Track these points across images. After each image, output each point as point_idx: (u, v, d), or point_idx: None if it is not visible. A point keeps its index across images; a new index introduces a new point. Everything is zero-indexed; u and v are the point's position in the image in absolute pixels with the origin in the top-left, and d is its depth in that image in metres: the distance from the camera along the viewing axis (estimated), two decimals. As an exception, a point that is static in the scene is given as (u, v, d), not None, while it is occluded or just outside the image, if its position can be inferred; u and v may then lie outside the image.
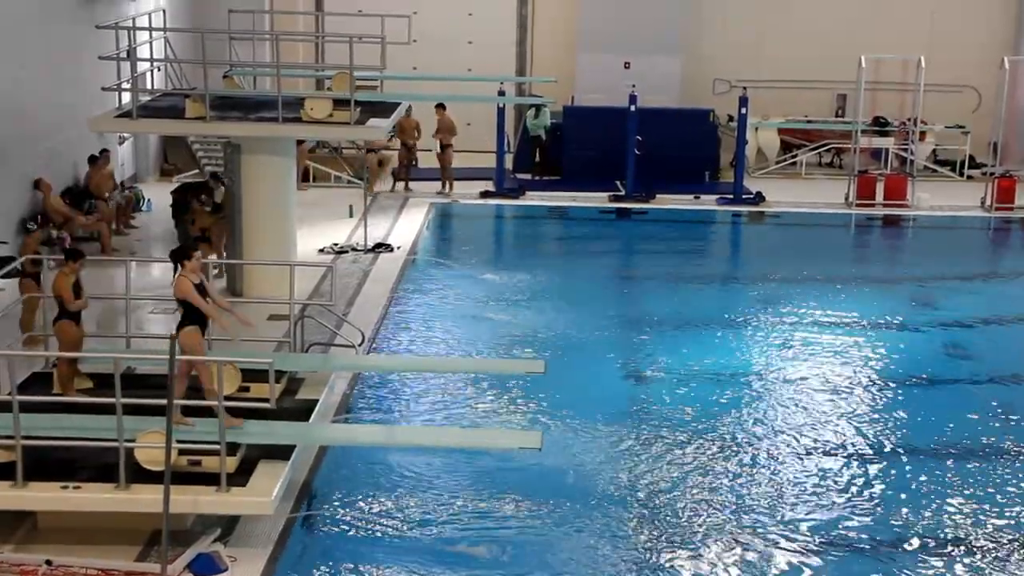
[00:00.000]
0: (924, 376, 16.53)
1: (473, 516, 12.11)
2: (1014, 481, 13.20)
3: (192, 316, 11.79)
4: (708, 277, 21.49)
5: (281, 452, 11.56)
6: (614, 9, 28.87)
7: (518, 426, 14.25)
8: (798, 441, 14.14)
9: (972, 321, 18.87)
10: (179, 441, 10.86)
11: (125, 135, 23.82)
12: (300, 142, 23.79)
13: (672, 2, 29.24)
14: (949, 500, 12.68)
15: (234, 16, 21.52)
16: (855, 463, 13.58)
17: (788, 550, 11.62)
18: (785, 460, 13.62)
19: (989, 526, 12.17)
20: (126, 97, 18.48)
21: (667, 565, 11.32)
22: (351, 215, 23.38)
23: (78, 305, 12.83)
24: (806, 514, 12.36)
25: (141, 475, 10.86)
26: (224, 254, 18.97)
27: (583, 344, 17.23)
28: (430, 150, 26.19)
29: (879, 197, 26.09)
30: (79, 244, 18.19)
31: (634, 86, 27.25)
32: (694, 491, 12.75)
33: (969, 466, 13.56)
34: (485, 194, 26.05)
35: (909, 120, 27.71)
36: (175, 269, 11.97)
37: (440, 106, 25.46)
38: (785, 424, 14.65)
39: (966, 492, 12.88)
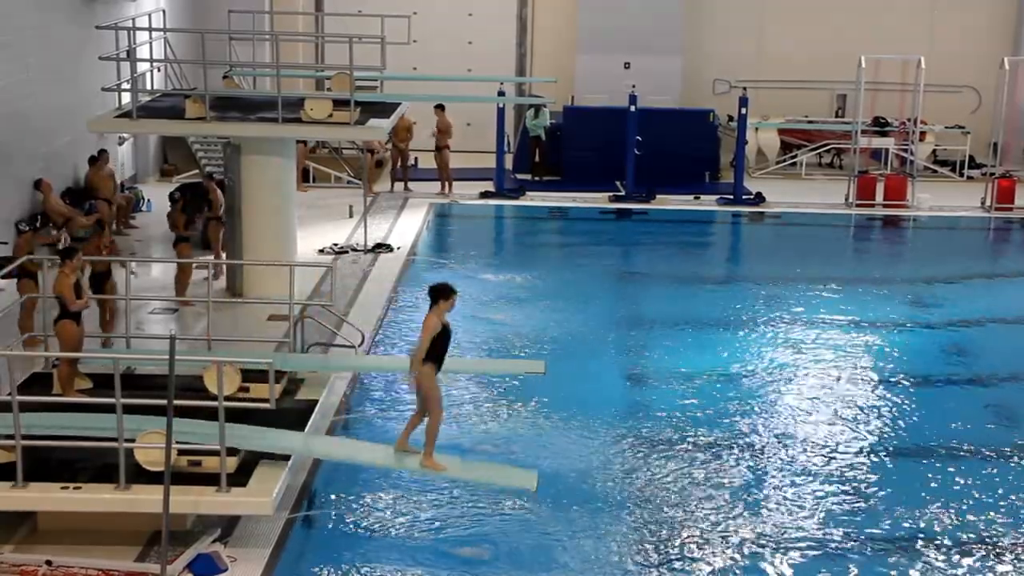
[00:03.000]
0: (924, 376, 16.50)
1: (473, 516, 12.10)
2: (1014, 481, 13.19)
3: (432, 352, 11.38)
4: (708, 278, 21.47)
5: (281, 453, 11.57)
6: (614, 9, 28.89)
7: (518, 426, 14.26)
8: (798, 441, 14.13)
9: (972, 321, 18.87)
10: (179, 442, 10.86)
11: (125, 135, 23.83)
12: (300, 142, 23.80)
13: (672, 2, 29.26)
14: (950, 500, 12.66)
15: (234, 16, 21.57)
16: (856, 463, 13.56)
17: (789, 550, 11.61)
18: (785, 460, 13.61)
19: (989, 526, 12.16)
20: (126, 97, 18.48)
21: (668, 565, 11.32)
22: (351, 215, 23.39)
23: (79, 305, 12.84)
24: (806, 514, 12.34)
25: (141, 475, 10.86)
26: (223, 254, 18.98)
27: (583, 344, 17.22)
28: (432, 151, 26.20)
29: (879, 197, 26.11)
30: (79, 244, 18.17)
31: (634, 86, 27.26)
32: (694, 491, 12.74)
33: (970, 466, 13.56)
34: (485, 194, 26.06)
35: (909, 120, 27.71)
36: (431, 306, 11.47)
37: (439, 107, 25.46)
38: (785, 424, 14.66)
39: (967, 492, 12.86)
